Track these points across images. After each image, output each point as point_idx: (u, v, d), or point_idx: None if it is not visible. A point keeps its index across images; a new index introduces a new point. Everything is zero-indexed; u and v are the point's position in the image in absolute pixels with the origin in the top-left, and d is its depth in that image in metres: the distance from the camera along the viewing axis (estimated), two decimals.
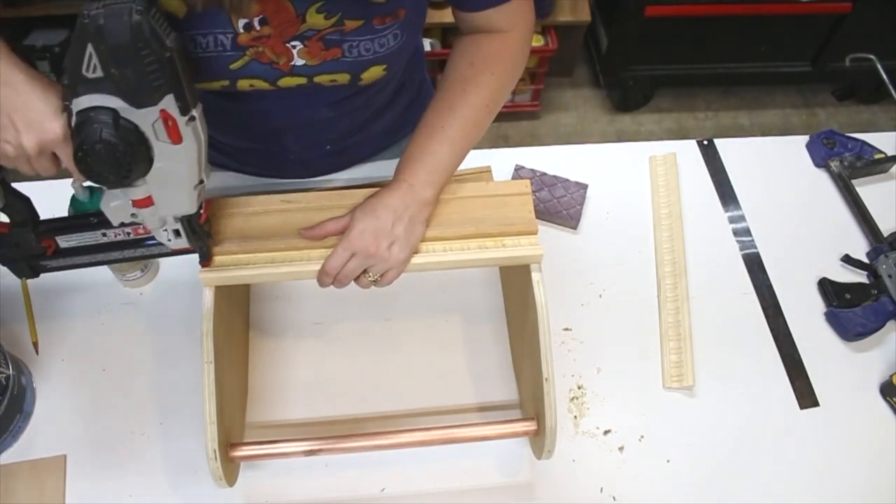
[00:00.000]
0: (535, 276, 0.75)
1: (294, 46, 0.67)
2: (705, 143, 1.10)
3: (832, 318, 0.93)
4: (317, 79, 0.71)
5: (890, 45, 1.79)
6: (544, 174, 1.02)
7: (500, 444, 0.82)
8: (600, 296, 0.94)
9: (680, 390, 0.87)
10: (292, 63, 0.69)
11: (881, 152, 1.07)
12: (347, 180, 0.99)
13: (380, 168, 0.99)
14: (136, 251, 0.72)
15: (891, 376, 0.88)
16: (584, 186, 1.01)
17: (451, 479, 0.81)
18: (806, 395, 0.88)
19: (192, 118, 0.58)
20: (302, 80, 0.71)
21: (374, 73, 0.72)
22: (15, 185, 0.97)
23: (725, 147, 1.09)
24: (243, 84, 0.70)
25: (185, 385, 0.84)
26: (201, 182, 0.63)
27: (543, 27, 2.05)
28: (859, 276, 0.97)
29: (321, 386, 0.86)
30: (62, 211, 0.80)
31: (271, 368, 0.87)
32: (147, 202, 0.63)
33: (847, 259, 0.98)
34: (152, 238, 0.69)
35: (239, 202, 0.77)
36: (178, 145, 0.58)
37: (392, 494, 0.80)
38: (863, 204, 1.02)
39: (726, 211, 1.03)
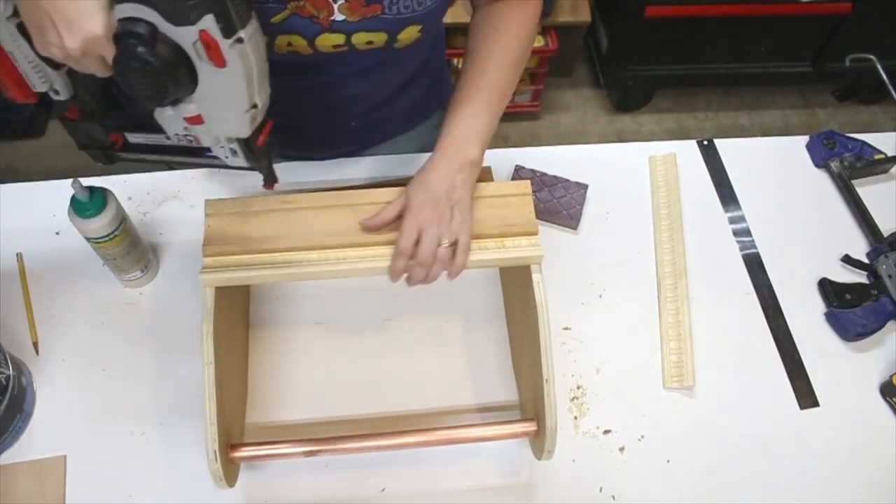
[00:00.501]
0: (535, 276, 0.75)
1: (336, 0, 0.68)
2: (705, 143, 1.10)
3: (832, 319, 0.93)
4: (354, 38, 0.72)
5: (890, 46, 1.79)
6: (544, 174, 1.02)
7: (501, 444, 0.82)
8: (600, 296, 0.94)
9: (680, 390, 0.87)
10: (332, 18, 0.70)
11: (881, 152, 1.07)
12: (366, 178, 0.99)
13: (400, 148, 1.03)
14: (198, 159, 0.70)
15: (891, 376, 0.88)
16: (584, 186, 1.00)
17: (452, 479, 0.81)
18: (806, 395, 0.88)
19: (240, 40, 0.54)
20: (340, 39, 0.72)
21: (409, 33, 0.74)
22: (21, 183, 0.97)
23: (725, 147, 1.09)
24: (282, 42, 0.71)
25: (185, 385, 0.84)
26: (254, 107, 0.60)
27: (543, 27, 2.05)
28: (859, 277, 0.97)
29: (321, 387, 0.86)
30: (62, 210, 0.80)
31: (271, 369, 0.87)
32: (197, 120, 0.61)
33: (847, 259, 0.98)
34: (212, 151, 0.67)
35: (239, 202, 0.77)
36: (223, 69, 0.55)
37: (392, 494, 0.80)
38: (863, 204, 1.02)
39: (726, 211, 1.03)
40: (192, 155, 0.69)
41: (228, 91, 0.57)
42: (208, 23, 0.52)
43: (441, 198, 0.73)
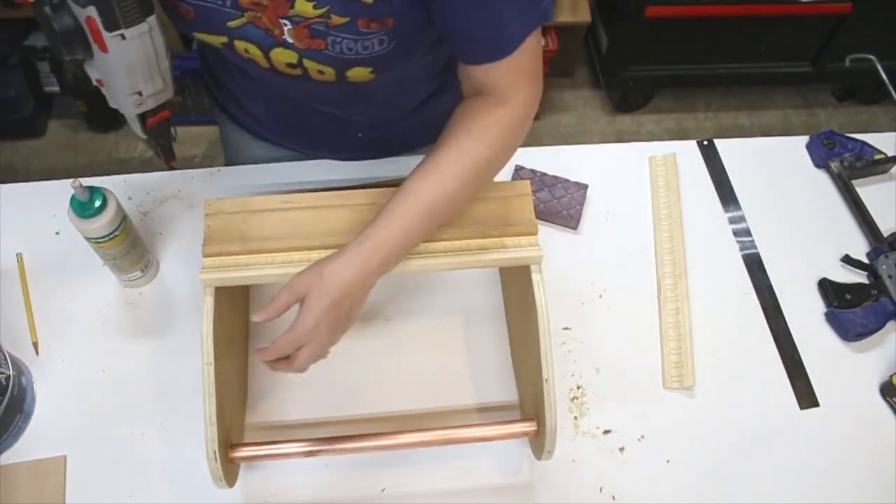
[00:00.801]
0: (535, 276, 0.75)
1: (285, 25, 0.68)
2: (705, 143, 1.10)
3: (832, 319, 0.93)
4: (306, 62, 0.71)
5: (890, 46, 1.79)
6: (544, 174, 1.02)
7: (501, 444, 0.82)
8: (600, 296, 0.94)
9: (680, 390, 0.87)
10: (284, 37, 0.70)
11: (881, 153, 1.07)
12: (366, 178, 0.99)
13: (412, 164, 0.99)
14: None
15: (891, 376, 0.88)
16: (584, 186, 1.00)
17: (452, 479, 0.81)
18: (806, 395, 0.88)
19: (122, 36, 0.65)
20: (293, 57, 0.71)
21: (359, 73, 0.71)
22: (21, 183, 0.97)
23: (725, 147, 1.09)
24: (240, 47, 0.72)
25: (184, 385, 0.84)
26: (138, 93, 0.72)
27: (543, 27, 2.04)
28: (859, 277, 0.97)
29: (321, 387, 0.86)
30: (62, 210, 0.80)
31: (271, 370, 0.87)
32: (100, 83, 0.74)
33: (847, 259, 0.98)
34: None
35: (239, 202, 0.77)
36: (106, 54, 0.67)
37: (392, 494, 0.80)
38: (863, 204, 1.02)
39: (726, 211, 1.03)
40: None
41: (113, 73, 0.69)
42: (92, 12, 0.63)
43: (340, 320, 0.68)
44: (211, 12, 0.69)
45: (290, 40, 0.69)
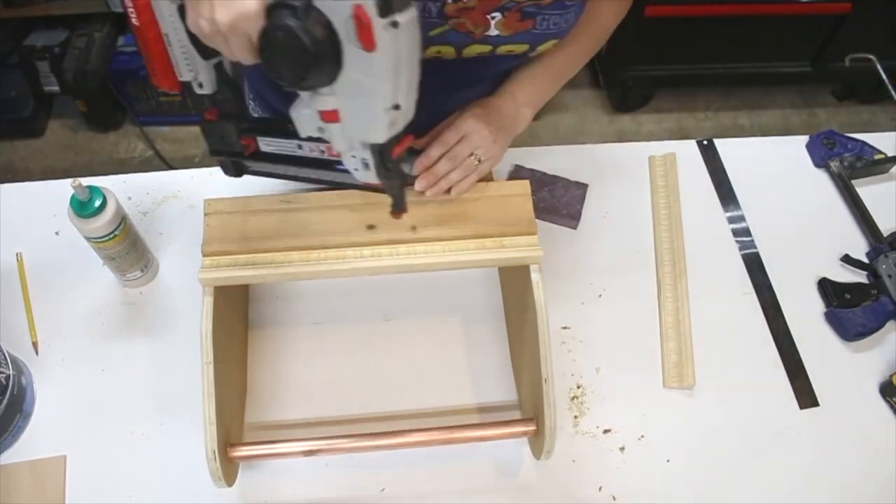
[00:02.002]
0: (534, 276, 0.75)
1: (493, 17, 0.71)
2: (705, 143, 1.10)
3: (832, 318, 0.93)
4: (499, 49, 0.75)
5: (890, 45, 1.79)
6: (544, 174, 1.02)
7: (501, 444, 0.82)
8: (600, 295, 0.94)
9: (680, 390, 0.87)
10: (487, 33, 0.72)
11: (881, 152, 1.07)
12: None
13: None
14: (327, 173, 0.70)
15: (891, 376, 0.88)
16: (584, 186, 1.00)
17: (452, 479, 0.81)
18: (806, 395, 0.88)
19: (395, 23, 0.50)
20: (486, 49, 0.75)
21: (547, 45, 0.76)
22: (21, 183, 0.97)
23: (725, 147, 1.09)
24: (431, 51, 0.74)
25: (184, 385, 0.84)
26: (397, 107, 0.55)
27: None
28: (859, 276, 0.97)
29: (320, 386, 0.86)
30: (62, 210, 0.80)
31: (270, 369, 0.87)
32: (333, 116, 0.57)
33: (847, 259, 0.98)
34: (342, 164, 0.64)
35: (238, 202, 0.77)
36: (371, 53, 0.51)
37: (392, 494, 0.80)
38: (863, 204, 1.02)
39: (726, 211, 1.03)
40: (322, 168, 0.69)
41: (372, 82, 0.53)
42: None
43: (494, 122, 0.78)
44: None
45: (496, 32, 0.72)
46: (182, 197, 0.99)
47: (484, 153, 0.76)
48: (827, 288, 0.95)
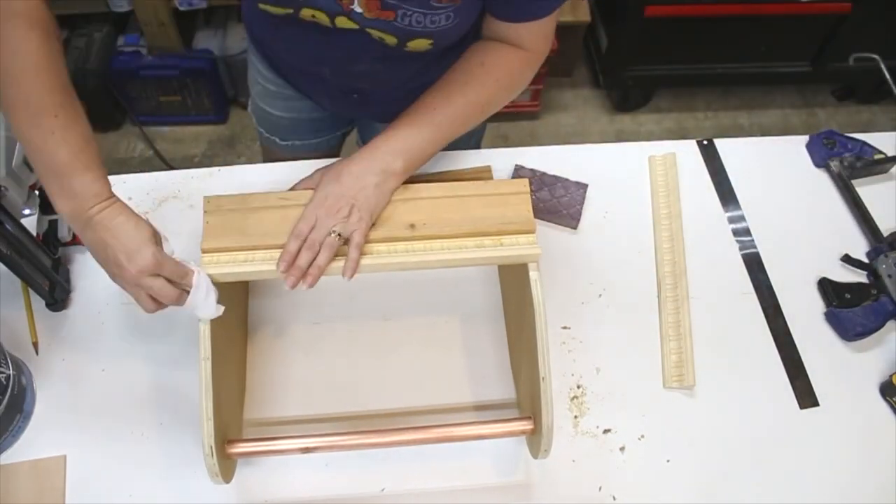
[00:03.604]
0: (532, 274, 0.75)
1: None
2: (705, 143, 1.10)
3: (832, 318, 0.93)
4: (368, 30, 0.74)
5: (890, 45, 1.78)
6: (544, 174, 1.02)
7: (501, 443, 0.82)
8: (600, 295, 0.94)
9: (680, 390, 0.87)
10: (352, 7, 0.72)
11: (881, 152, 1.07)
12: None
13: None
14: None
15: (891, 376, 0.88)
16: (584, 186, 1.00)
17: (452, 479, 0.81)
18: (806, 395, 0.88)
19: None
20: (354, 25, 0.74)
21: (420, 44, 0.75)
22: None
23: (725, 147, 1.09)
24: (306, 13, 0.74)
25: (184, 385, 0.84)
26: None
27: None
28: (859, 276, 0.97)
29: (319, 384, 0.86)
30: None
31: (269, 366, 0.87)
32: None
33: (847, 259, 0.98)
34: None
35: (238, 199, 0.77)
36: None
37: (391, 494, 0.80)
38: (863, 204, 1.02)
39: (726, 211, 1.03)
40: None
41: None
42: None
43: (345, 195, 0.75)
44: None
45: (359, 10, 0.71)
46: (182, 197, 0.99)
47: (342, 229, 0.74)
48: (827, 288, 0.95)
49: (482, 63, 0.79)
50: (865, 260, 0.98)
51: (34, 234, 0.87)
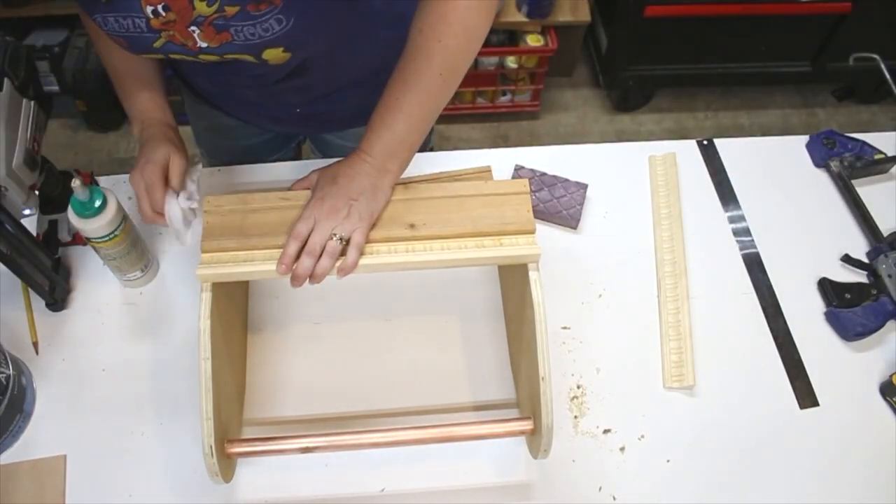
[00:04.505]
0: (532, 275, 0.75)
1: (194, 31, 0.70)
2: (705, 143, 1.10)
3: (832, 318, 0.93)
4: (226, 56, 0.73)
5: (891, 45, 1.79)
6: (544, 174, 1.02)
7: (501, 443, 0.82)
8: (600, 295, 0.94)
9: (680, 390, 0.87)
10: (199, 45, 0.72)
11: (881, 152, 1.07)
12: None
13: (353, 137, 1.00)
14: None
15: (891, 376, 0.88)
16: (584, 186, 1.01)
17: (452, 478, 0.81)
18: (806, 395, 0.88)
19: None
20: (214, 58, 0.74)
21: (273, 54, 0.73)
22: None
23: (725, 147, 1.09)
24: (174, 56, 0.75)
25: (184, 385, 0.84)
26: None
27: (543, 27, 2.05)
28: (859, 276, 0.97)
29: (319, 384, 0.86)
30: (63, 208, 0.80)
31: (269, 366, 0.87)
32: None
33: (847, 259, 0.98)
34: None
35: (238, 199, 0.77)
36: None
37: (391, 494, 0.80)
38: (863, 204, 1.02)
39: (726, 211, 1.03)
40: None
41: None
42: None
43: (343, 196, 0.75)
44: (136, 39, 0.71)
45: (205, 44, 0.71)
46: None
47: (343, 230, 0.73)
48: (827, 288, 0.95)
49: (420, 30, 0.74)
50: (865, 260, 0.98)
51: (34, 234, 0.87)
